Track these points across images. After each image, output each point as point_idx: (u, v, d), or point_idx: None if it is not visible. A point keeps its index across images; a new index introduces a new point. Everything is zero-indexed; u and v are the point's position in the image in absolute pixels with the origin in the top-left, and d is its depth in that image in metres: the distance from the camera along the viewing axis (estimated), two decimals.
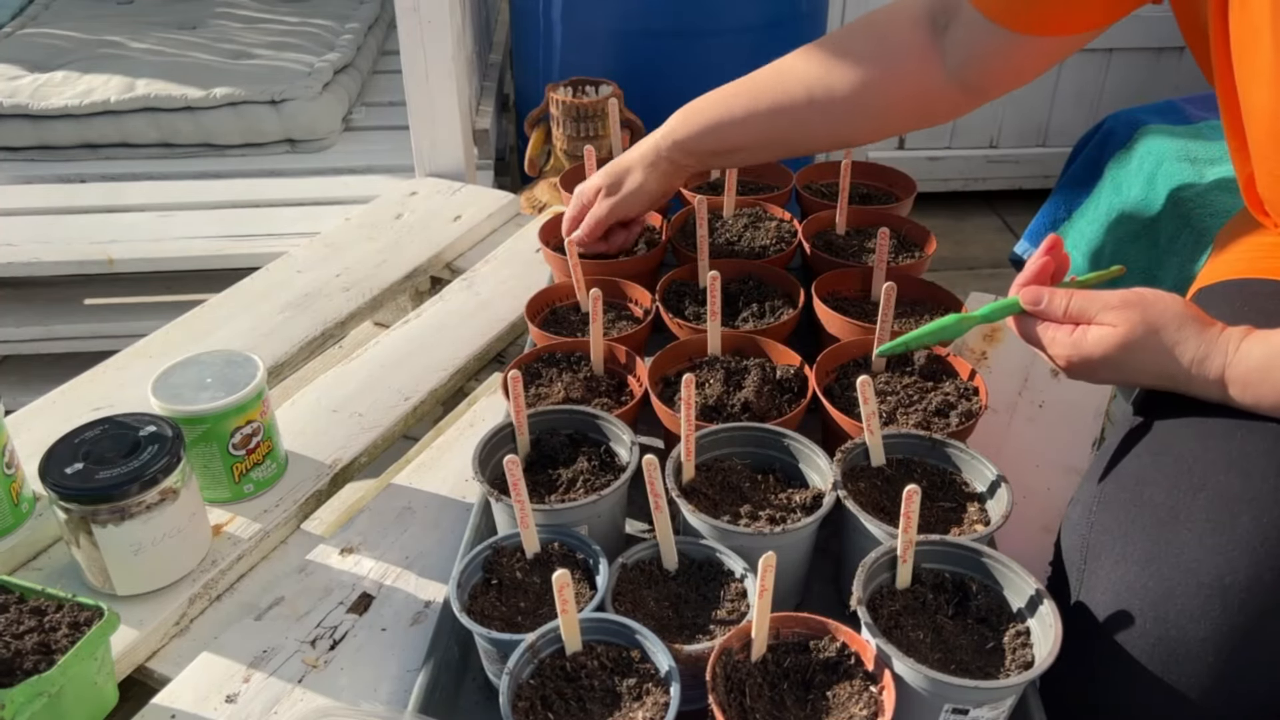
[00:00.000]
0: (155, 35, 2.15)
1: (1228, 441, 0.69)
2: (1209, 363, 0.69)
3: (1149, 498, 0.69)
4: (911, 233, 1.13)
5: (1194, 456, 0.70)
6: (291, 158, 1.89)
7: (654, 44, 1.64)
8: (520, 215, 1.53)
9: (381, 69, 2.26)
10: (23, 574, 0.86)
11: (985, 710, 0.63)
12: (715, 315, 0.91)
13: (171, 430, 0.82)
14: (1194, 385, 0.70)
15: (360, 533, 0.92)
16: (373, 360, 1.15)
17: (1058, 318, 0.74)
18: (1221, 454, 0.68)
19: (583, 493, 0.78)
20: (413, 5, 1.46)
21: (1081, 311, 0.72)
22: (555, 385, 0.91)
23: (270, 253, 1.43)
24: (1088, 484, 0.76)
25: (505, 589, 0.72)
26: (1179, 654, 0.65)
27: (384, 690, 0.77)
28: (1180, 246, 1.24)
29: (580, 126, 1.45)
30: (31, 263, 1.51)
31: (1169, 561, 0.66)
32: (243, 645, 0.80)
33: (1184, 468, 0.69)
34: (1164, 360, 0.70)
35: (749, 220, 1.15)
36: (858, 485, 0.78)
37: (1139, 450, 0.74)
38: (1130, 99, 2.28)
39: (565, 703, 0.63)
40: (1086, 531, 0.72)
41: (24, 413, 1.04)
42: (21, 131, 1.84)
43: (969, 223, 2.56)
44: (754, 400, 0.87)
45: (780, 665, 0.65)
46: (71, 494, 0.77)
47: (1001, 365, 1.13)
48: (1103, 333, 0.71)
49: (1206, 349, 0.69)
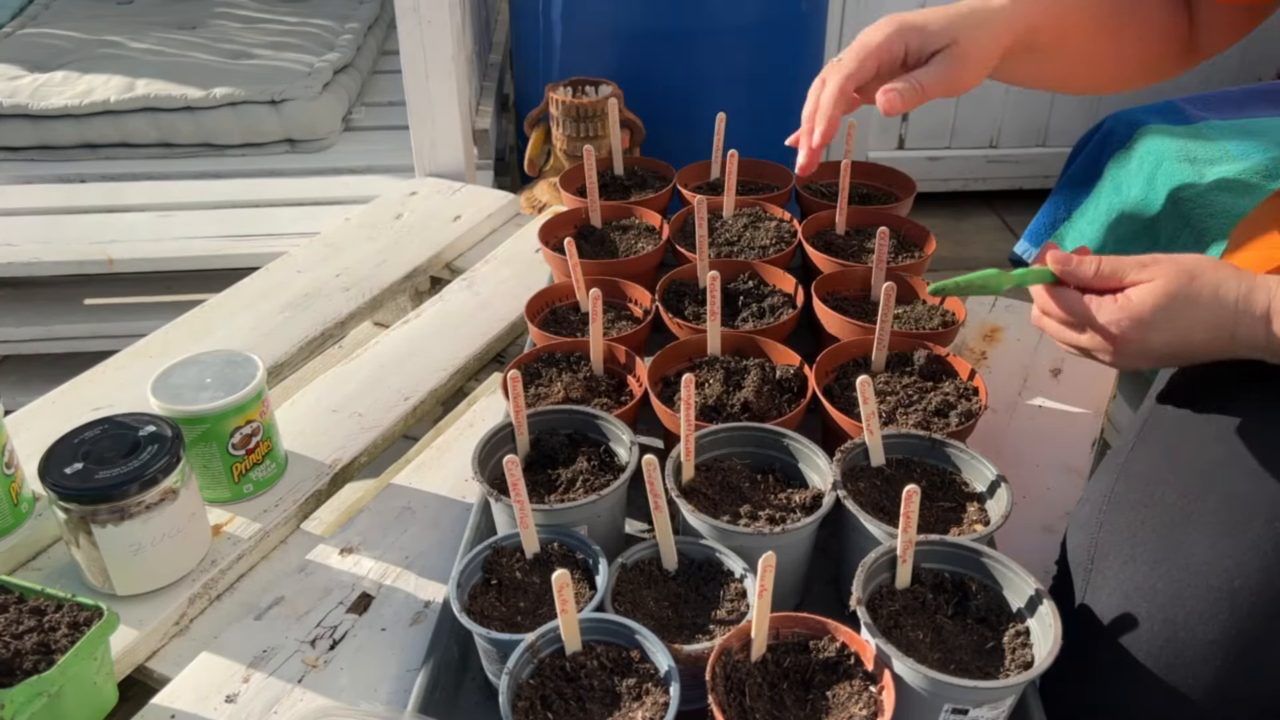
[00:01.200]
0: (155, 35, 2.15)
1: (1241, 444, 0.69)
2: (1254, 296, 0.66)
3: (1160, 498, 0.69)
4: (911, 233, 1.13)
5: (1206, 458, 0.69)
6: (291, 158, 1.89)
7: (654, 44, 1.64)
8: (520, 215, 1.53)
9: (381, 69, 2.26)
10: (22, 574, 0.86)
11: (985, 710, 0.63)
12: (715, 315, 0.91)
13: (171, 430, 0.82)
14: (1241, 328, 0.67)
15: (360, 533, 0.92)
16: (373, 360, 1.15)
17: (1088, 278, 0.70)
18: (1234, 456, 0.68)
19: (582, 493, 0.78)
20: (413, 5, 1.46)
21: (1114, 272, 0.69)
22: (555, 385, 0.91)
23: (270, 253, 1.43)
24: (1097, 481, 0.75)
25: (505, 589, 0.72)
26: (1185, 656, 0.64)
27: (384, 690, 0.77)
28: (1180, 246, 1.24)
29: (580, 126, 1.45)
30: (31, 263, 1.51)
31: (1178, 563, 0.66)
32: (242, 645, 0.80)
33: (1196, 469, 0.69)
34: (1212, 304, 0.67)
35: (749, 220, 1.15)
36: (857, 485, 0.78)
37: (1151, 450, 0.73)
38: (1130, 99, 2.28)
39: (565, 703, 0.63)
40: (1095, 530, 0.72)
41: (24, 413, 1.04)
42: (21, 131, 1.84)
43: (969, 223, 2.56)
44: (754, 400, 0.87)
45: (780, 665, 0.65)
46: (71, 494, 0.77)
47: (1001, 365, 1.13)
48: (1146, 289, 0.68)
49: (1249, 284, 0.67)
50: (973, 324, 1.20)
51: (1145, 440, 0.74)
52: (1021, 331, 1.18)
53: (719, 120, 1.21)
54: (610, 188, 1.26)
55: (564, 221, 1.16)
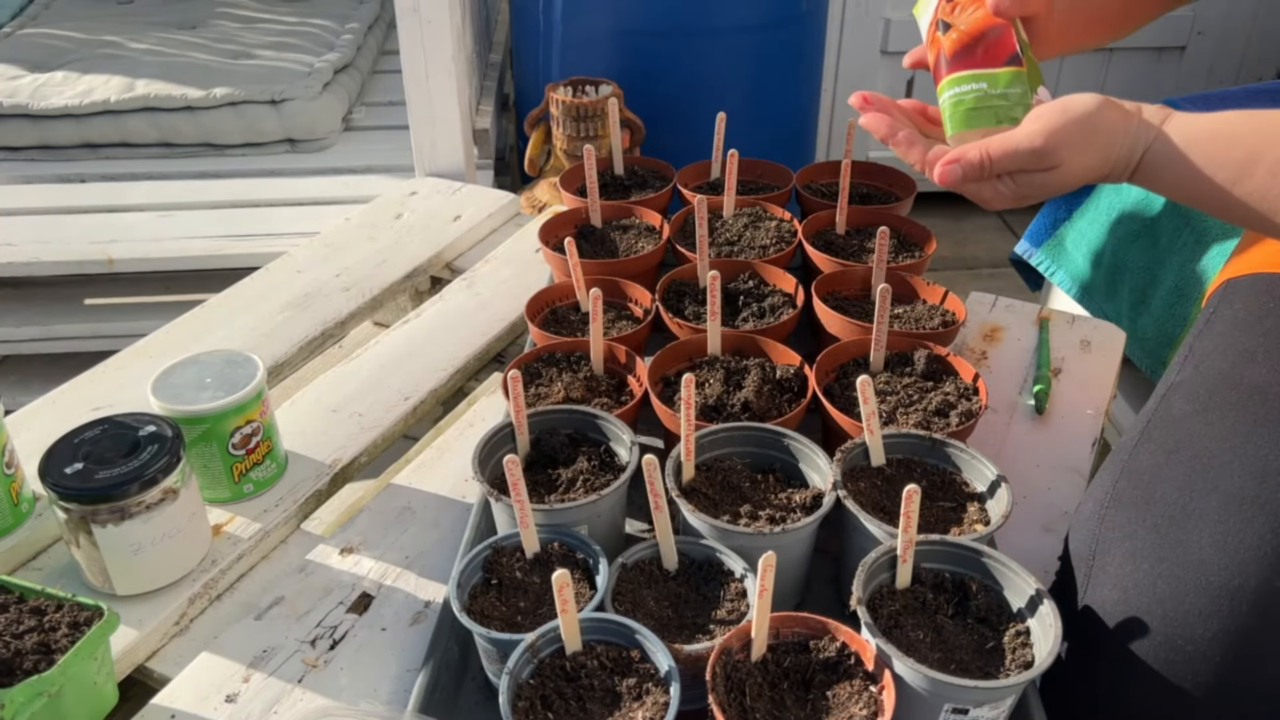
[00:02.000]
0: (155, 35, 2.15)
1: (1244, 442, 0.69)
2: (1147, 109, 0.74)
3: (1162, 495, 0.69)
4: (911, 232, 1.13)
5: (1209, 456, 0.69)
6: (291, 158, 1.89)
7: (654, 44, 1.64)
8: (520, 215, 1.53)
9: (381, 69, 2.27)
10: (23, 574, 0.86)
11: (985, 710, 0.63)
12: (715, 315, 0.91)
13: (171, 430, 0.82)
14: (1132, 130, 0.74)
15: (360, 533, 0.92)
16: (373, 360, 1.15)
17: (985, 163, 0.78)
18: (1237, 454, 0.68)
19: (582, 493, 0.78)
20: (413, 5, 1.46)
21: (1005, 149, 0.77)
22: (555, 385, 0.91)
23: (270, 253, 1.43)
24: (1101, 478, 0.76)
25: (505, 589, 0.72)
26: (1185, 654, 0.64)
27: (384, 690, 0.77)
28: (1180, 246, 1.24)
29: (580, 126, 1.45)
30: (31, 263, 1.51)
31: (1179, 561, 0.66)
32: (243, 645, 0.80)
33: (1198, 467, 0.69)
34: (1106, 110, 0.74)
35: (749, 220, 1.15)
36: (858, 485, 0.78)
37: (1154, 447, 0.73)
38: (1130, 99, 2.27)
39: (565, 703, 0.63)
40: (1097, 527, 0.72)
41: (24, 413, 1.04)
42: (21, 131, 1.84)
43: (969, 223, 2.56)
44: (754, 400, 0.87)
45: (780, 665, 0.65)
46: (71, 494, 0.77)
47: (1001, 365, 1.13)
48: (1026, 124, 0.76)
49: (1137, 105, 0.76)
50: (973, 324, 1.20)
51: (1148, 438, 0.74)
52: (1022, 331, 1.18)
53: (719, 120, 1.21)
54: (610, 188, 1.26)
55: (564, 221, 1.16)
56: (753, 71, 1.69)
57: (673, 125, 1.57)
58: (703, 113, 1.31)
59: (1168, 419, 0.75)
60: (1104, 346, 1.16)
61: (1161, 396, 0.78)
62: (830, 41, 2.31)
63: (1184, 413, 0.74)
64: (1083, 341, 1.17)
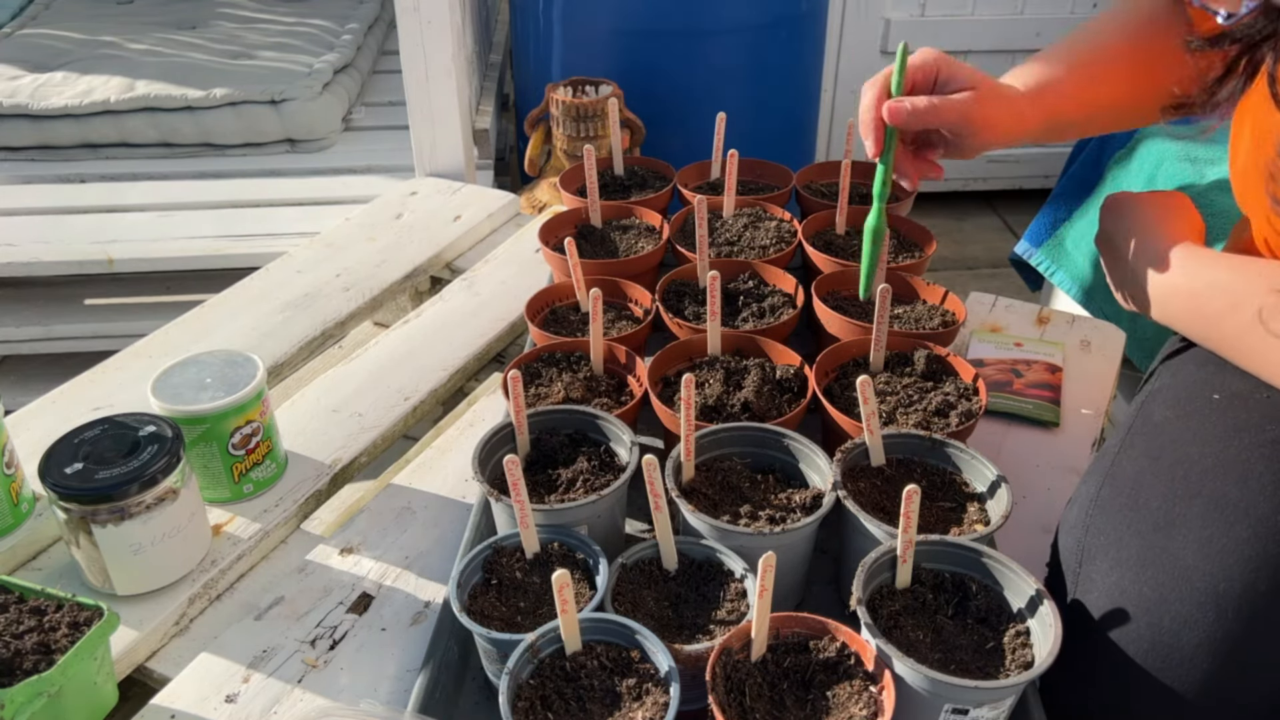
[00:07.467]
0: (155, 35, 2.16)
1: (1227, 447, 0.69)
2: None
3: (1145, 501, 0.69)
4: (911, 233, 1.13)
5: (1192, 461, 0.69)
6: (291, 158, 1.90)
7: (654, 44, 1.64)
8: (520, 215, 1.53)
9: (381, 69, 2.27)
10: (23, 574, 0.86)
11: (985, 710, 0.63)
12: (715, 315, 0.91)
13: (171, 430, 0.82)
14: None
15: (360, 533, 0.92)
16: (373, 360, 1.15)
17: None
18: (1220, 460, 0.68)
19: (582, 493, 0.78)
20: (413, 5, 1.46)
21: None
22: (555, 385, 0.91)
23: (270, 253, 1.44)
24: (1085, 485, 0.76)
25: (505, 589, 0.72)
26: (1173, 659, 0.65)
27: (384, 690, 0.77)
28: None
29: (580, 126, 1.45)
30: (31, 263, 1.51)
31: (1164, 567, 0.66)
32: (242, 645, 0.80)
33: (1181, 472, 0.69)
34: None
35: (749, 220, 1.15)
36: (857, 485, 0.78)
37: (1137, 453, 0.73)
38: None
39: (565, 703, 0.63)
40: (1082, 534, 0.72)
41: (24, 413, 1.04)
42: (21, 131, 1.84)
43: (969, 223, 2.56)
44: (754, 400, 0.87)
45: (780, 665, 0.65)
46: (71, 494, 0.77)
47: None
48: None
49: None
50: (973, 324, 1.20)
51: (1131, 444, 0.75)
52: (1022, 332, 1.18)
53: (719, 120, 1.21)
54: (610, 188, 1.26)
55: (564, 221, 1.16)
56: (752, 71, 1.69)
57: (673, 125, 1.57)
58: (703, 113, 1.31)
59: (1149, 425, 0.75)
60: (1104, 346, 1.16)
61: (1141, 404, 0.79)
62: (830, 41, 2.31)
63: (1164, 419, 0.75)
64: (1083, 341, 1.17)
